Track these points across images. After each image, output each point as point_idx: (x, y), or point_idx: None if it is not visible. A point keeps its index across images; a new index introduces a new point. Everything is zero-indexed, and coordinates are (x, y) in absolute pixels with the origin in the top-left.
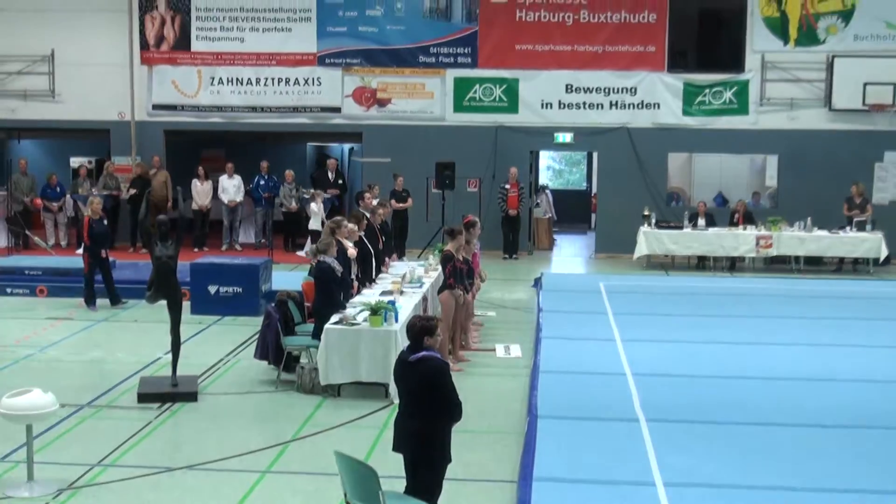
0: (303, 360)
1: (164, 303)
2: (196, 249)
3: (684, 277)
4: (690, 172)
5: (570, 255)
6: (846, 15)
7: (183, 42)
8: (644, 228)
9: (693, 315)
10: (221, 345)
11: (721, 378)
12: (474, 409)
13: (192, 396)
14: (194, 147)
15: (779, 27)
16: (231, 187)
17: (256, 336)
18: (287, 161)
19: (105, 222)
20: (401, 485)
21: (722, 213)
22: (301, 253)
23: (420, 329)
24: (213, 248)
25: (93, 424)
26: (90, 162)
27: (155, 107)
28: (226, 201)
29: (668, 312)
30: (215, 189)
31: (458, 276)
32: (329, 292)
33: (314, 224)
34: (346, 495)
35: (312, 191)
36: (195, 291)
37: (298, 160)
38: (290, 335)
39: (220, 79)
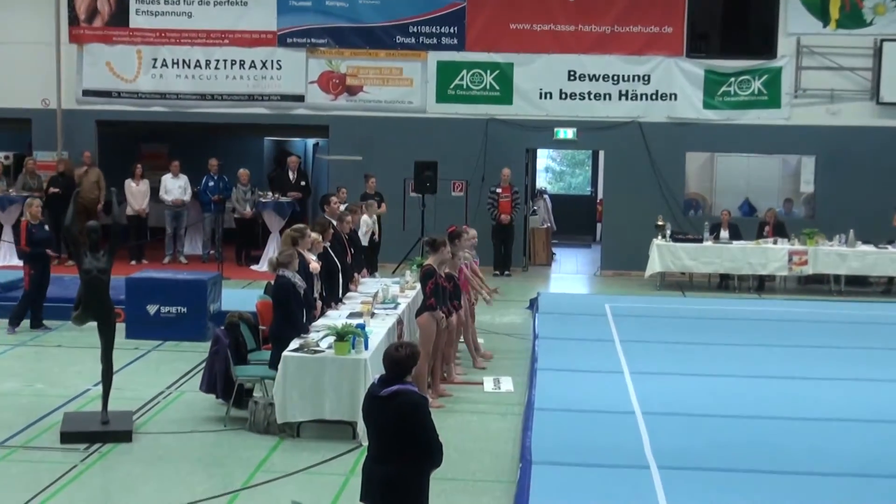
0: (256, 394)
1: (93, 325)
2: (133, 262)
3: (704, 299)
4: (712, 176)
5: (571, 271)
6: None
7: (120, 17)
8: (658, 241)
9: (714, 344)
10: (161, 375)
11: (746, 418)
12: (457, 453)
13: (125, 436)
14: (132, 141)
15: (818, 6)
16: (176, 189)
17: (202, 365)
18: (241, 158)
19: (46, 227)
20: None
21: (749, 223)
22: (256, 267)
23: (405, 359)
24: (152, 261)
25: (5, 469)
26: (7, 157)
27: (86, 93)
28: (169, 201)
29: (685, 340)
30: (156, 191)
31: (440, 295)
32: (288, 313)
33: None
34: None
35: (270, 193)
36: (131, 311)
37: (254, 158)
38: (242, 364)
39: (164, 61)
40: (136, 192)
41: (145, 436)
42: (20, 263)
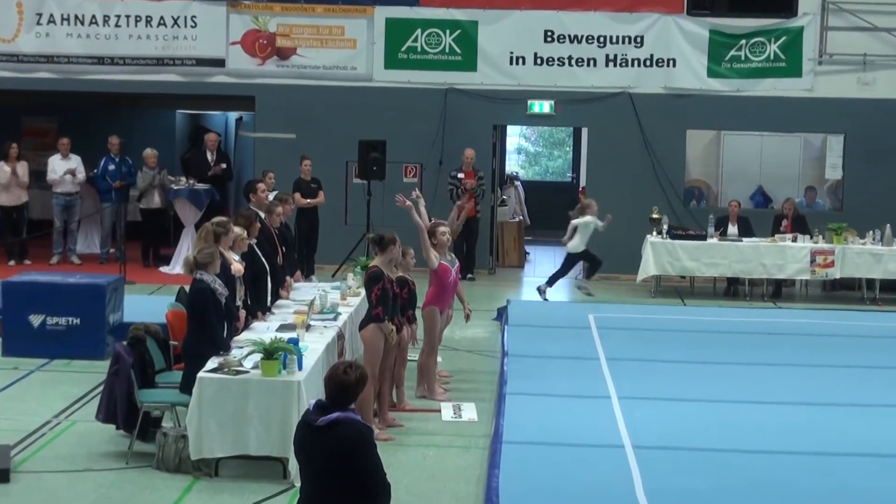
0: (166, 424)
1: None
2: (11, 262)
3: (708, 309)
4: (718, 159)
5: (547, 274)
6: None
7: None
8: (652, 238)
9: (720, 363)
10: (48, 401)
11: (758, 453)
12: (410, 495)
13: (1, 476)
14: (12, 114)
15: None
16: (65, 172)
17: (99, 389)
18: (148, 136)
19: None
20: None
21: (762, 216)
22: (166, 269)
23: (353, 383)
24: (37, 261)
25: None
26: None
27: None
28: (59, 189)
29: (685, 359)
30: (41, 175)
31: (389, 303)
32: (206, 326)
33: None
34: None
35: (184, 179)
36: (9, 323)
37: (164, 135)
38: (149, 387)
39: (51, 16)
40: (4, 176)
41: (27, 475)
42: None
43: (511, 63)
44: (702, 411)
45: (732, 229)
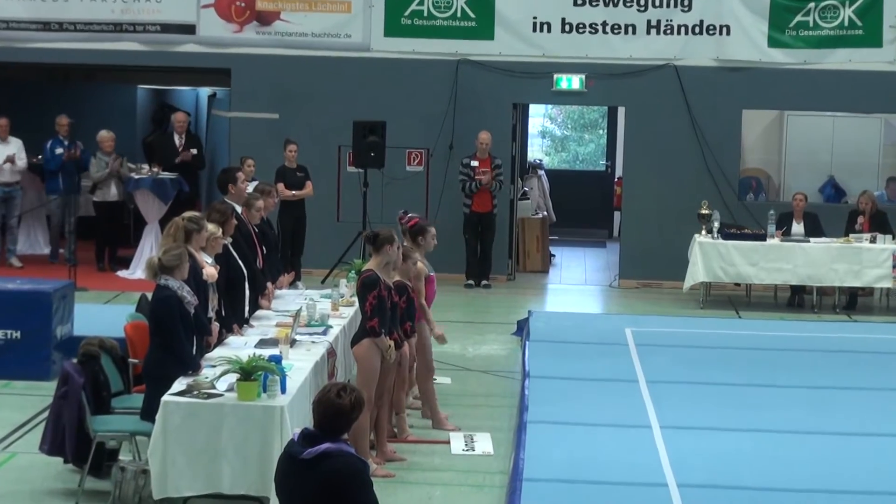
0: (123, 458)
1: None
2: None
3: (768, 322)
4: (781, 144)
5: (576, 280)
6: None
7: None
8: (701, 238)
9: (782, 387)
10: None
11: (827, 493)
12: None
13: None
14: None
15: None
16: (5, 161)
17: (45, 415)
18: (104, 116)
19: None
20: None
21: (834, 212)
22: (125, 274)
23: (348, 409)
24: None
25: None
26: None
27: None
28: None
29: (741, 381)
30: None
31: (385, 314)
32: (172, 341)
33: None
34: None
35: (146, 166)
36: None
37: (123, 115)
38: (103, 413)
39: None
40: None
41: None
42: None
43: (534, 30)
44: (760, 444)
45: (798, 228)
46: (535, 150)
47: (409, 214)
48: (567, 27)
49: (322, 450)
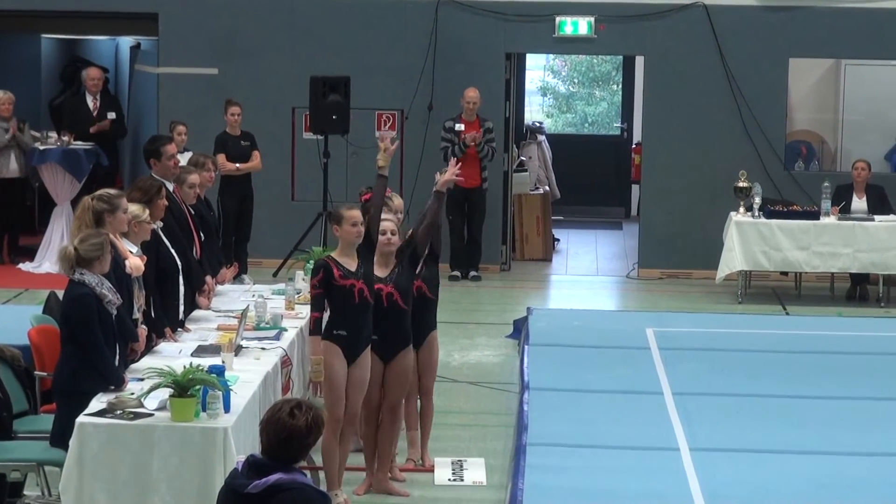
0: (29, 493)
1: None
2: None
3: (822, 319)
4: (837, 101)
5: (585, 270)
6: None
7: None
8: (738, 217)
9: (838, 398)
10: None
11: None
12: None
13: None
14: None
15: None
16: None
17: None
18: (0, 73)
19: None
20: None
21: None
22: (29, 267)
23: (303, 431)
24: None
25: None
26: None
27: None
28: None
29: (787, 393)
30: None
31: (340, 309)
32: (89, 348)
33: None
34: None
35: (54, 134)
36: None
37: (24, 71)
38: (4, 439)
39: None
40: None
41: None
42: None
43: None
44: (809, 467)
45: (859, 203)
46: (535, 112)
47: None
48: None
49: (272, 482)
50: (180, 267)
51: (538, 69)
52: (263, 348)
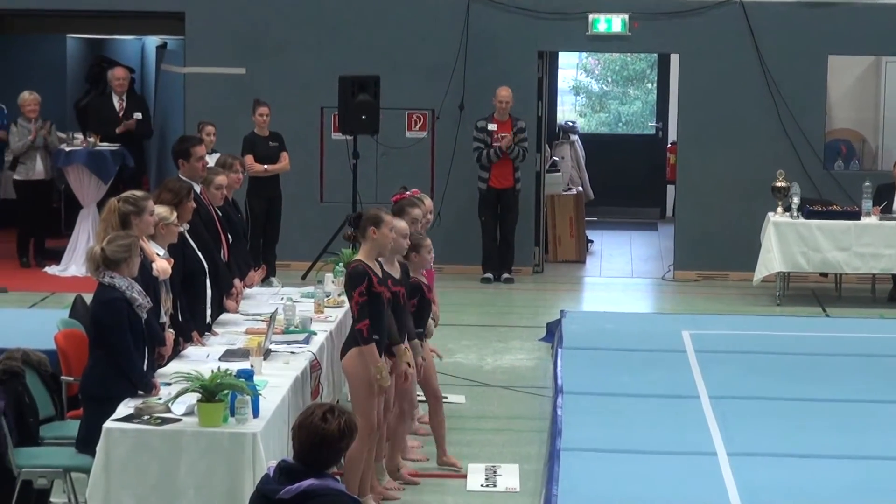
0: (56, 500)
1: None
2: None
3: (862, 322)
4: (878, 98)
5: (620, 272)
6: None
7: None
8: (776, 217)
9: (881, 402)
10: None
11: None
12: None
13: None
14: None
15: None
16: None
17: None
18: (25, 73)
19: None
20: None
21: None
22: (55, 270)
23: (335, 435)
24: None
25: None
26: None
27: None
28: None
29: (827, 397)
30: None
31: (381, 317)
32: (117, 353)
33: None
34: None
35: (80, 136)
36: None
37: (50, 72)
38: (29, 444)
39: None
40: None
41: None
42: None
43: None
44: (849, 472)
45: None
46: (567, 111)
47: (410, 192)
48: None
49: (304, 488)
50: (207, 270)
51: (571, 68)
52: (293, 352)
